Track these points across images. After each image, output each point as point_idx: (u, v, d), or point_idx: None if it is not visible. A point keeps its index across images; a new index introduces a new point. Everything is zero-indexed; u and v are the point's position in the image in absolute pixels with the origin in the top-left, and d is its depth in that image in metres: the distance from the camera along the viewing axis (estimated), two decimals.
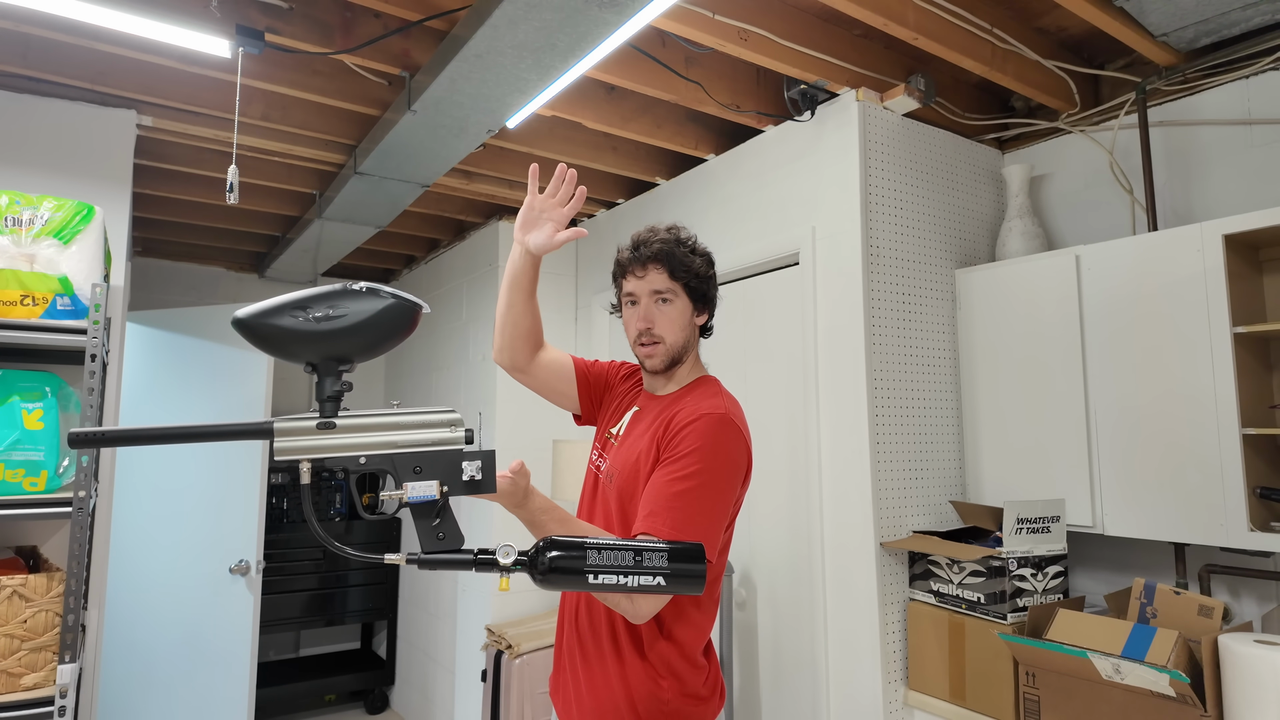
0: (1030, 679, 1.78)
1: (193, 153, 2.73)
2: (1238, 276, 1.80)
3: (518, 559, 0.93)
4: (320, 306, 0.88)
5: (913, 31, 1.90)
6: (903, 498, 2.12)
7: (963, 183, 2.42)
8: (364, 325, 0.90)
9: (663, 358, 1.44)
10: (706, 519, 1.25)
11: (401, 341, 0.95)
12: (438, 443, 0.96)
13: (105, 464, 2.25)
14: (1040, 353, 2.10)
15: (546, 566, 0.92)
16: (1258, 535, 1.67)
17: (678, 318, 1.44)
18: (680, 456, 1.28)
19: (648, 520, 1.24)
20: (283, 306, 0.87)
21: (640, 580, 0.91)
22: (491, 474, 0.97)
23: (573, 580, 0.92)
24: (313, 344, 0.89)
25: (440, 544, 0.94)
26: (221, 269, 4.35)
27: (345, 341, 0.90)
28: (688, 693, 1.34)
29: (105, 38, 1.94)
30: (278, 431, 0.90)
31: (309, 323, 0.87)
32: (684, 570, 0.93)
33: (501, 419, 3.30)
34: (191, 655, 3.21)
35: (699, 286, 1.44)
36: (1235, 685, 1.49)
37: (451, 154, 2.37)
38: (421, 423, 0.96)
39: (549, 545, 0.93)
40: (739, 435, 1.32)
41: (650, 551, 0.93)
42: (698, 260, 1.45)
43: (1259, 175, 1.98)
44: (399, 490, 0.93)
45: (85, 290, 1.89)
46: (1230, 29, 1.95)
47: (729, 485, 1.30)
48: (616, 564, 0.92)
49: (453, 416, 0.97)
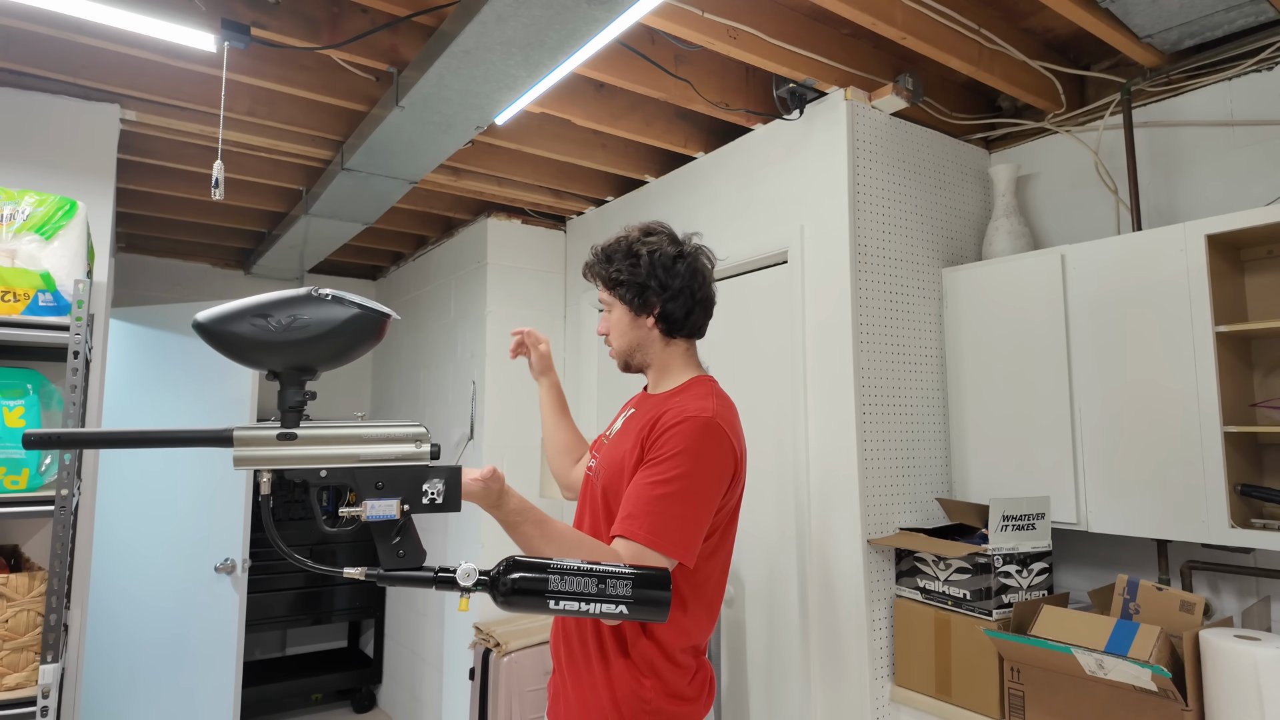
0: (1015, 674, 1.80)
1: (177, 148, 2.71)
2: (1220, 276, 1.82)
3: (479, 579, 0.92)
4: (283, 313, 0.85)
5: (901, 31, 1.91)
6: (889, 495, 2.13)
7: (950, 182, 2.43)
8: (328, 335, 0.87)
9: (618, 360, 1.51)
10: (684, 524, 1.24)
11: (368, 351, 0.93)
12: (401, 457, 0.93)
13: (88, 462, 2.23)
14: (1026, 351, 2.12)
15: (508, 588, 0.91)
16: (1238, 532, 1.69)
17: (617, 324, 1.49)
18: (663, 459, 1.27)
19: (625, 523, 1.24)
20: (244, 311, 0.84)
21: (602, 608, 0.90)
22: (456, 492, 0.95)
23: (533, 603, 0.90)
24: (274, 352, 0.86)
25: (400, 561, 0.92)
26: (207, 265, 4.31)
27: (308, 350, 0.87)
28: (671, 692, 1.33)
29: (88, 31, 1.92)
30: (237, 440, 0.87)
31: (270, 330, 0.84)
32: (648, 598, 0.92)
33: (490, 418, 3.29)
34: (176, 654, 3.19)
35: (631, 289, 1.44)
36: (1216, 679, 1.51)
37: (440, 150, 2.36)
38: (385, 436, 0.93)
39: (511, 566, 0.92)
40: (724, 439, 1.31)
41: (615, 578, 0.91)
42: (617, 265, 1.45)
43: (1241, 176, 2.01)
44: (359, 507, 0.91)
45: (68, 286, 1.87)
46: (1213, 31, 1.97)
47: (711, 490, 1.29)
48: (579, 590, 0.91)
49: (417, 431, 0.94)
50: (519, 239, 3.46)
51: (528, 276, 3.47)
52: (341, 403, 4.67)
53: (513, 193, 3.12)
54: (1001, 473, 2.16)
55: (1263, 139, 1.97)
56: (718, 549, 1.37)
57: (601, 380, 3.25)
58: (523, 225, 3.47)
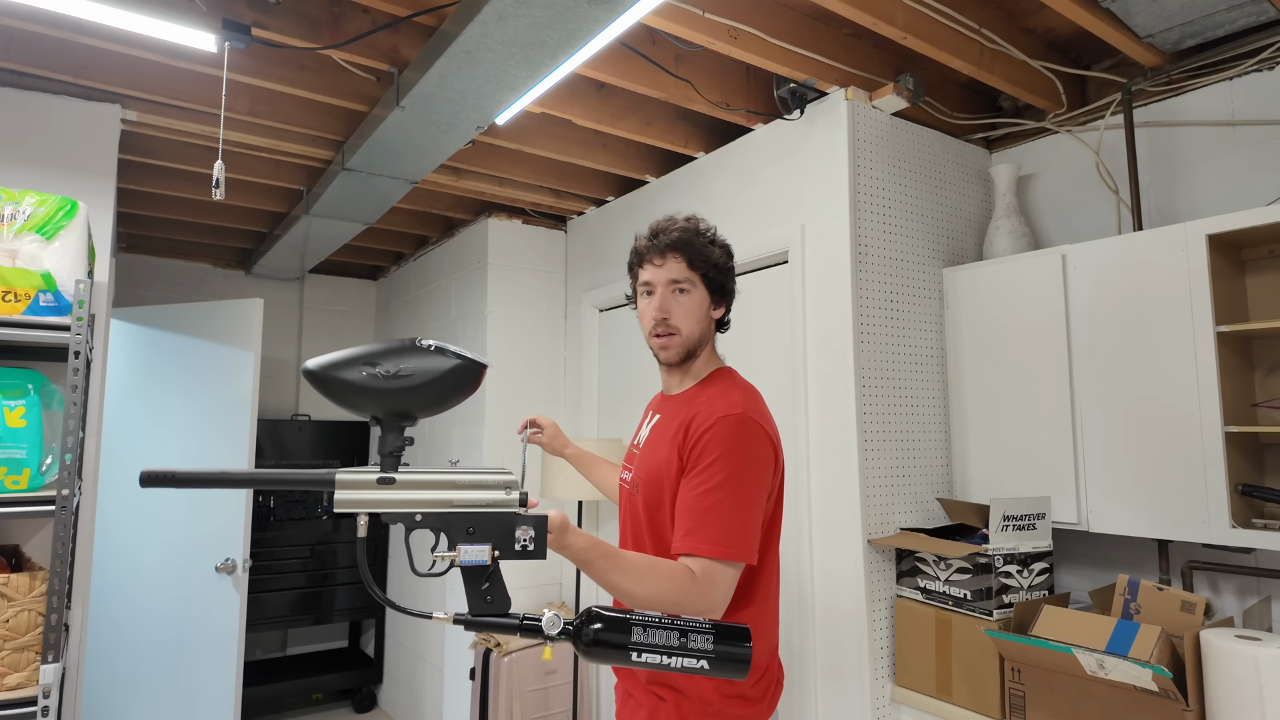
0: (1016, 675, 1.80)
1: (178, 148, 2.71)
2: (1221, 276, 1.82)
3: (564, 629, 0.94)
4: (389, 363, 0.90)
5: (901, 31, 1.91)
6: (890, 495, 2.13)
7: (951, 182, 2.43)
8: (430, 384, 0.91)
9: (678, 350, 1.41)
10: (741, 526, 1.23)
11: (465, 399, 0.98)
12: (492, 504, 0.97)
13: (89, 462, 2.23)
14: (1027, 351, 2.12)
15: (590, 639, 0.92)
16: (1239, 532, 1.69)
17: (694, 309, 1.40)
18: (705, 466, 1.26)
19: (687, 540, 1.23)
20: (352, 360, 0.90)
21: (684, 662, 0.91)
22: (543, 539, 0.98)
23: (616, 655, 0.92)
24: (379, 399, 0.91)
25: (488, 606, 0.95)
26: (207, 265, 4.31)
27: (410, 398, 0.92)
28: (734, 693, 1.30)
29: (89, 31, 1.92)
30: (339, 484, 0.92)
31: (377, 379, 0.90)
32: (729, 654, 0.92)
33: (491, 418, 3.29)
34: (177, 654, 3.19)
35: (717, 278, 1.41)
36: (1216, 679, 1.51)
37: (440, 150, 2.36)
38: (477, 483, 0.97)
39: (593, 618, 0.93)
40: (758, 431, 1.29)
41: (696, 633, 0.92)
42: (717, 251, 1.42)
43: (1242, 176, 2.00)
44: (452, 551, 0.95)
45: (69, 286, 1.87)
46: (1214, 31, 1.97)
47: (758, 485, 1.28)
48: (661, 643, 0.91)
49: (509, 479, 0.98)
50: (520, 239, 3.46)
51: (529, 276, 3.47)
52: None
53: (513, 193, 3.12)
54: (1002, 472, 2.16)
55: (1264, 139, 1.97)
56: (769, 539, 1.36)
57: (602, 381, 3.25)
58: (523, 225, 3.47)
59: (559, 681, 2.99)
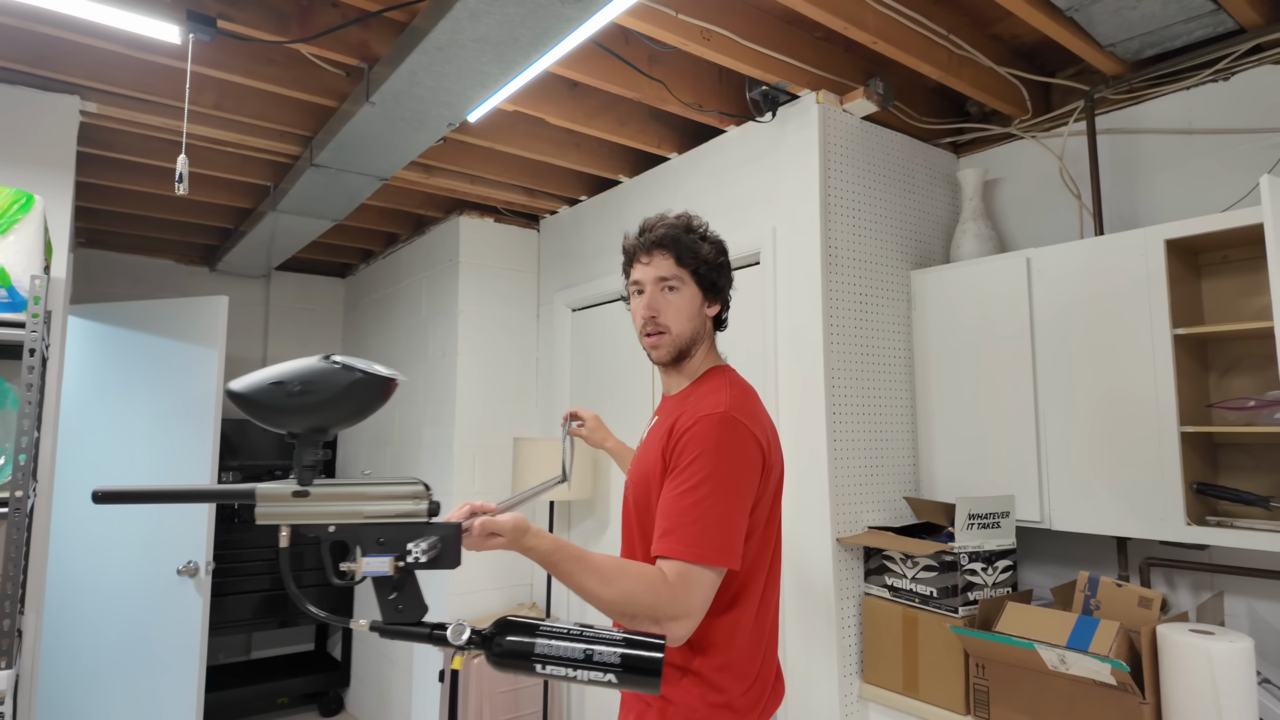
0: (980, 670, 1.83)
1: (140, 141, 2.65)
2: (1178, 280, 1.87)
3: (470, 637, 0.94)
4: (296, 381, 0.92)
5: (872, 35, 1.93)
6: (859, 494, 2.16)
7: (919, 185, 2.47)
8: (336, 399, 0.93)
9: (668, 349, 1.37)
10: (721, 528, 1.18)
11: (376, 410, 1.00)
12: (402, 515, 0.98)
13: (44, 463, 2.17)
14: (992, 352, 2.16)
15: (498, 650, 0.92)
16: (1194, 529, 1.74)
17: (685, 306, 1.37)
18: (685, 466, 1.22)
19: (662, 541, 1.19)
20: (265, 380, 0.92)
21: (590, 675, 0.89)
22: (454, 548, 0.99)
23: (522, 665, 0.91)
24: (291, 416, 0.93)
25: (398, 615, 0.96)
26: (170, 261, 4.22)
27: (319, 414, 0.94)
28: (719, 702, 1.25)
29: (47, 20, 1.87)
30: (259, 497, 0.94)
31: (285, 397, 0.92)
32: (638, 665, 0.89)
33: (461, 417, 3.26)
34: (136, 660, 3.11)
35: (708, 274, 1.39)
36: (1172, 673, 1.55)
37: (411, 147, 2.34)
38: (387, 494, 0.98)
39: (503, 628, 0.93)
40: (742, 431, 1.24)
41: (604, 644, 0.90)
42: (707, 247, 1.39)
43: (1199, 183, 2.06)
44: (356, 563, 0.96)
45: (24, 282, 1.82)
46: (1173, 41, 2.02)
47: (741, 485, 1.22)
48: (566, 656, 0.90)
49: (417, 489, 0.99)
50: (492, 237, 3.43)
51: (501, 275, 3.45)
52: None
53: (485, 191, 3.10)
54: (968, 472, 2.19)
55: (1219, 147, 2.03)
56: (762, 545, 1.30)
57: (575, 381, 3.24)
58: (495, 224, 3.45)
59: (529, 682, 2.98)
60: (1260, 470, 1.87)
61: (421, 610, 0.97)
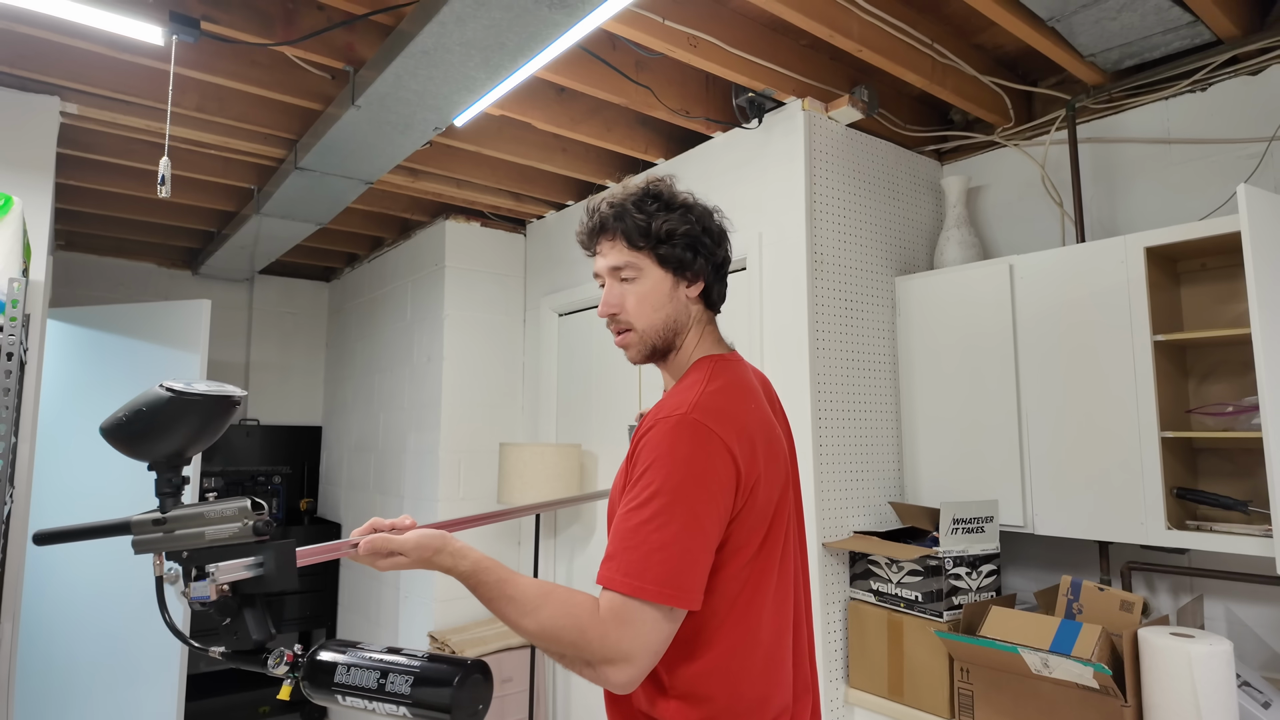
0: (965, 674, 1.84)
1: (122, 143, 2.62)
2: (1158, 287, 1.90)
3: (287, 667, 0.91)
4: (130, 412, 0.92)
5: (857, 44, 1.94)
6: (844, 499, 2.16)
7: (903, 192, 2.49)
8: (172, 425, 0.93)
9: (638, 347, 1.17)
10: (666, 556, 0.95)
11: (224, 427, 1.00)
12: (233, 537, 0.96)
13: (21, 469, 2.13)
14: (975, 358, 2.18)
15: (305, 674, 0.89)
16: (1174, 533, 1.76)
17: (649, 294, 1.14)
18: (637, 479, 1.02)
19: (602, 567, 0.99)
20: (113, 417, 0.93)
21: (385, 707, 0.84)
22: (288, 569, 0.96)
23: (325, 696, 0.88)
24: (140, 446, 0.94)
25: (234, 641, 0.95)
26: (152, 265, 4.17)
27: (164, 441, 0.94)
28: None
29: (27, 20, 1.85)
30: (134, 527, 0.95)
31: (129, 429, 0.92)
32: (427, 699, 0.82)
33: (447, 422, 3.25)
34: (115, 668, 3.07)
35: (674, 251, 1.13)
36: (1153, 675, 1.57)
37: (397, 151, 2.33)
38: (219, 516, 0.97)
39: (316, 650, 0.91)
40: (706, 438, 1.01)
41: (398, 673, 0.84)
42: (665, 217, 1.13)
43: (1177, 191, 2.09)
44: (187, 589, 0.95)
45: (1, 285, 1.79)
46: (1152, 52, 2.05)
47: (699, 504, 0.98)
48: (361, 685, 0.85)
49: (243, 507, 0.97)
50: (478, 242, 3.43)
51: (487, 280, 3.44)
52: (293, 410, 4.57)
53: (472, 195, 3.09)
54: (952, 477, 2.21)
55: (1197, 156, 2.06)
56: (757, 575, 1.06)
57: (562, 386, 3.23)
58: (482, 228, 3.44)
59: (515, 690, 2.96)
60: (1238, 475, 1.89)
61: (260, 635, 0.95)
